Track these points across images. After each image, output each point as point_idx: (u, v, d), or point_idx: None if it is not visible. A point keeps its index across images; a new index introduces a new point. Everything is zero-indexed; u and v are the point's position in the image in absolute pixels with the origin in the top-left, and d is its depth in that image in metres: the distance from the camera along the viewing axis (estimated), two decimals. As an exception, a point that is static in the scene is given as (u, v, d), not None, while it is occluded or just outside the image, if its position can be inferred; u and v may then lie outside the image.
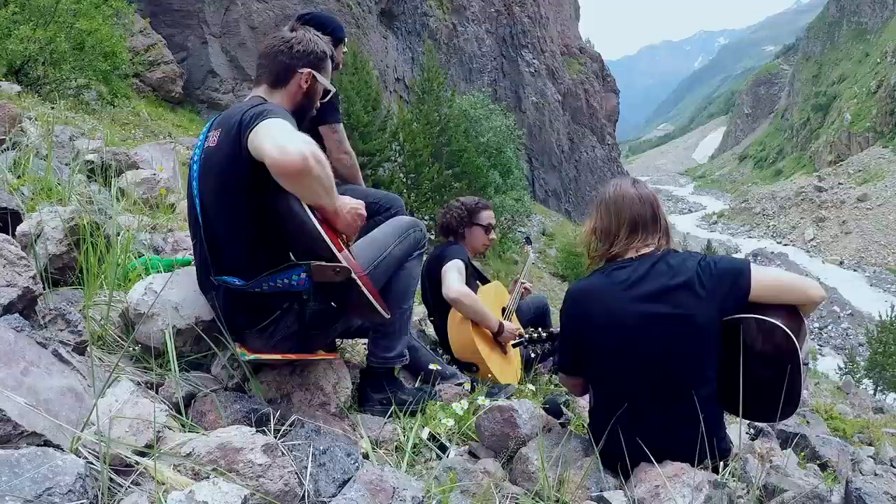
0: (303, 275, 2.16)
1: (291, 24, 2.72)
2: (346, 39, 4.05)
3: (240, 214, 2.28)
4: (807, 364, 2.34)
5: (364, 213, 2.38)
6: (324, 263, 2.11)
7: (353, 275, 2.12)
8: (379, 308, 2.26)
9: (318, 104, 2.70)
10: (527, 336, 3.81)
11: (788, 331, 2.27)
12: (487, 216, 4.53)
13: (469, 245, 4.46)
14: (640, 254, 2.52)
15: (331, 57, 2.69)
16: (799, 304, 2.40)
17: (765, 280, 2.39)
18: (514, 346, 4.01)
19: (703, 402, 2.29)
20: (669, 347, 2.36)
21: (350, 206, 2.32)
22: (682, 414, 2.35)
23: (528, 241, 6.24)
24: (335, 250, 2.10)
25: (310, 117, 2.69)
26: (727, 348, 2.37)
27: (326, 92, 2.69)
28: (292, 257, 2.23)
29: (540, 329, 3.93)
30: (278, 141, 2.00)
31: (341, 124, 3.90)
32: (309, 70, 2.55)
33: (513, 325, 4.22)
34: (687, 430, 2.33)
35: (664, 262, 2.45)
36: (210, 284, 2.37)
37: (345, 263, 2.11)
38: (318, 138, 3.80)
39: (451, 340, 3.97)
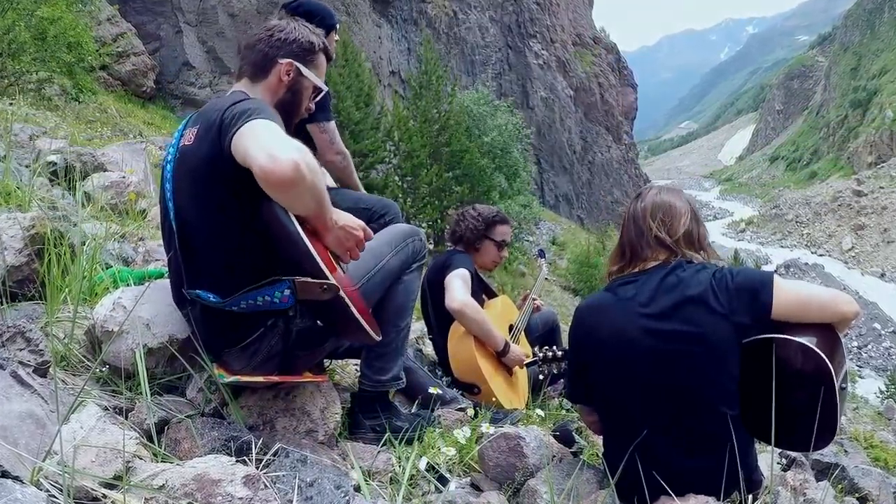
0: (286, 291, 2.15)
1: (279, 14, 2.71)
2: (337, 27, 4.07)
3: (218, 221, 2.26)
4: (844, 388, 2.32)
5: (361, 234, 2.33)
6: (309, 280, 2.09)
7: (342, 293, 2.12)
8: (369, 330, 2.25)
9: (311, 105, 2.66)
10: (540, 355, 3.81)
11: (820, 352, 2.26)
12: (503, 232, 4.58)
13: (478, 259, 4.48)
14: (648, 266, 2.55)
15: (323, 50, 2.66)
16: (830, 322, 2.39)
17: (789, 296, 2.37)
18: (528, 365, 4.01)
19: (723, 428, 2.29)
20: (681, 368, 2.36)
21: (344, 223, 2.28)
22: (700, 440, 2.35)
23: (542, 254, 6.25)
24: (323, 266, 2.08)
25: (298, 118, 2.67)
26: (754, 368, 2.37)
27: (318, 91, 2.65)
28: (274, 270, 2.22)
29: (555, 347, 3.93)
30: (267, 147, 1.96)
31: (332, 122, 3.92)
32: (289, 61, 2.51)
33: (520, 348, 4.21)
34: (706, 457, 2.33)
35: (674, 275, 2.46)
36: (185, 298, 2.37)
37: (332, 280, 2.09)
38: (307, 137, 3.82)
39: (451, 357, 3.98)
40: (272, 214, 2.11)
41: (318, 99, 2.70)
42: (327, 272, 2.09)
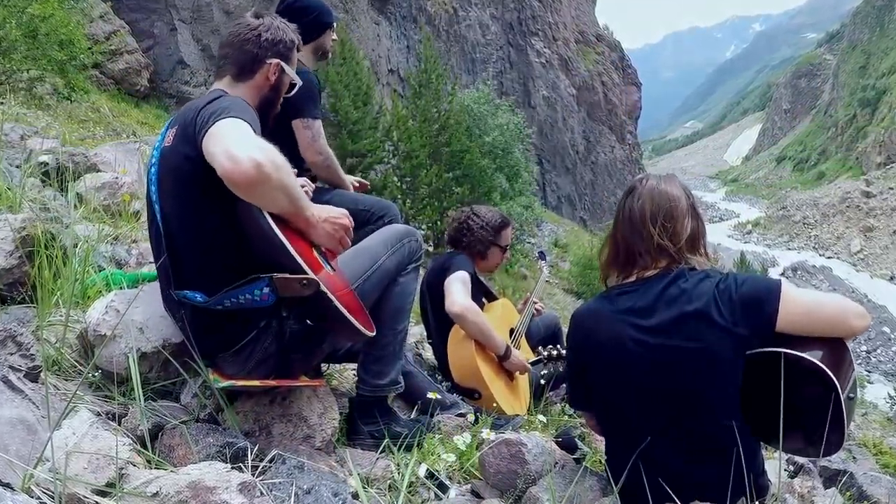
0: (265, 289, 2.17)
1: (255, 10, 2.73)
2: (335, 25, 4.06)
3: (199, 221, 2.29)
4: (852, 398, 2.30)
5: (346, 222, 2.37)
6: (288, 276, 2.11)
7: (322, 287, 2.12)
8: (357, 325, 2.25)
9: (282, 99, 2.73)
10: (545, 353, 3.80)
11: (825, 367, 2.21)
12: (508, 235, 4.61)
13: (482, 264, 4.51)
14: (647, 275, 2.50)
15: (298, 48, 2.75)
16: (838, 336, 2.34)
17: (795, 309, 2.30)
18: (533, 364, 4.01)
19: (722, 431, 2.28)
20: (683, 382, 2.34)
21: (327, 215, 2.32)
22: (700, 443, 2.34)
23: (543, 256, 6.25)
24: (300, 260, 2.11)
25: (275, 113, 2.72)
26: (757, 371, 2.35)
27: (292, 86, 2.73)
28: (253, 269, 2.23)
29: (558, 346, 3.91)
30: (228, 147, 2.00)
31: (319, 120, 3.85)
32: (277, 61, 2.60)
33: (522, 353, 4.20)
34: (707, 461, 2.32)
35: (676, 286, 2.40)
36: (175, 302, 2.37)
37: (311, 275, 2.11)
38: (290, 133, 3.78)
39: (450, 361, 3.98)
40: (248, 213, 2.14)
41: (291, 94, 2.77)
42: (305, 267, 2.11)
